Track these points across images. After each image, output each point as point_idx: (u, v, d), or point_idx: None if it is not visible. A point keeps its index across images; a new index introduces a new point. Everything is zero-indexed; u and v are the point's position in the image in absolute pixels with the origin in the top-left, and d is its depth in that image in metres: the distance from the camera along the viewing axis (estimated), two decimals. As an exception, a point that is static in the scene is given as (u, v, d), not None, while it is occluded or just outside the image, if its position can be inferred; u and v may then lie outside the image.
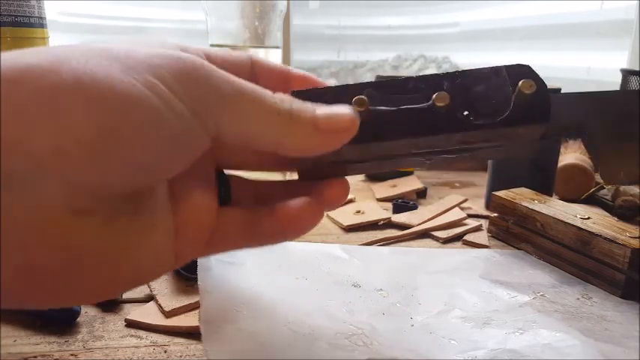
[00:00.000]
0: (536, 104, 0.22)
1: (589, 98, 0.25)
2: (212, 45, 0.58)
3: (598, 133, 0.25)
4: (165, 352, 0.27)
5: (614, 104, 0.25)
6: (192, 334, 0.28)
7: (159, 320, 0.29)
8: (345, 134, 0.20)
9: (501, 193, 0.44)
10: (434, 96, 0.21)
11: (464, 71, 0.22)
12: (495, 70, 0.22)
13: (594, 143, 0.26)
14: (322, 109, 0.20)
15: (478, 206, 0.53)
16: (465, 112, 0.22)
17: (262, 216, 0.22)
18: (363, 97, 0.21)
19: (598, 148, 0.26)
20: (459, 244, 0.44)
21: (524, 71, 0.22)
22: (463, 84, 0.22)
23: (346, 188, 0.23)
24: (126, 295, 0.32)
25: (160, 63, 0.17)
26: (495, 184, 0.50)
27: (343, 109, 0.20)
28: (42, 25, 0.41)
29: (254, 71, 0.23)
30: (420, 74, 0.23)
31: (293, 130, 0.19)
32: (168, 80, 0.17)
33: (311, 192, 0.22)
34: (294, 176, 0.25)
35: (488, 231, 0.45)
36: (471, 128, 0.22)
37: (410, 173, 0.62)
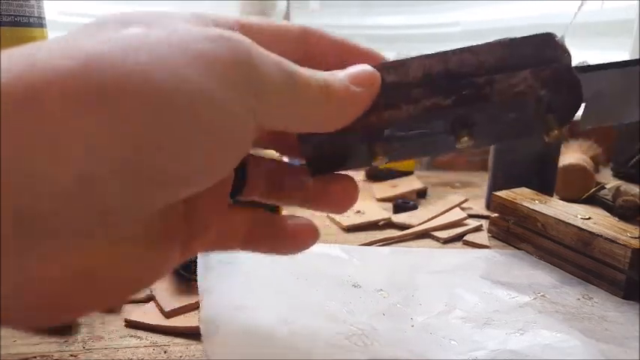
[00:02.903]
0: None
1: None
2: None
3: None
4: (165, 352, 0.27)
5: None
6: (192, 334, 0.28)
7: (159, 320, 0.29)
8: (372, 91, 0.19)
9: (502, 193, 0.44)
10: (458, 141, 0.20)
11: (499, 100, 0.19)
12: (537, 98, 0.19)
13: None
14: (345, 72, 0.19)
15: (478, 206, 0.53)
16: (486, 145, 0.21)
17: (265, 224, 0.22)
18: (381, 146, 0.20)
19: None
20: (459, 244, 0.44)
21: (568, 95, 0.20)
22: (493, 111, 0.20)
23: (354, 188, 0.22)
24: (126, 296, 0.31)
25: (207, 50, 0.15)
26: (496, 184, 0.50)
27: (365, 68, 0.19)
28: (41, 25, 0.41)
29: (308, 44, 0.21)
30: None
31: (329, 105, 0.18)
32: (219, 70, 0.15)
33: (318, 187, 0.22)
34: None
35: (489, 231, 0.45)
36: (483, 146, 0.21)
37: (410, 173, 0.62)
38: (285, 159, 0.26)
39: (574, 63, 0.20)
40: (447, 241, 0.44)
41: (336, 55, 0.21)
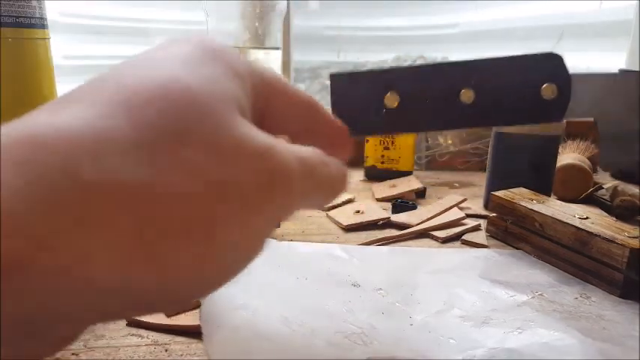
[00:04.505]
0: (555, 106, 0.22)
1: (603, 80, 0.26)
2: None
3: (610, 123, 0.26)
4: (167, 350, 0.27)
5: (629, 88, 0.26)
6: (193, 333, 0.28)
7: (160, 319, 0.29)
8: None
9: (500, 193, 0.44)
10: (461, 93, 0.22)
11: (493, 60, 0.23)
12: (524, 60, 0.22)
13: (606, 132, 0.27)
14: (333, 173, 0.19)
15: (477, 206, 0.53)
16: (488, 108, 0.23)
17: None
18: (395, 93, 0.23)
19: (607, 137, 0.27)
20: (457, 243, 0.44)
21: (553, 64, 0.22)
22: (490, 74, 0.23)
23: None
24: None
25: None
26: (494, 184, 0.50)
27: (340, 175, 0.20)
28: (43, 26, 0.41)
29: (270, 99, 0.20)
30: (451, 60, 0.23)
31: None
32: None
33: None
34: None
35: (487, 231, 0.46)
36: (492, 123, 0.23)
37: (409, 173, 0.62)
38: None
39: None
40: (445, 241, 0.44)
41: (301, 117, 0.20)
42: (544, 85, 0.22)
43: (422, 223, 0.46)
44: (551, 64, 0.22)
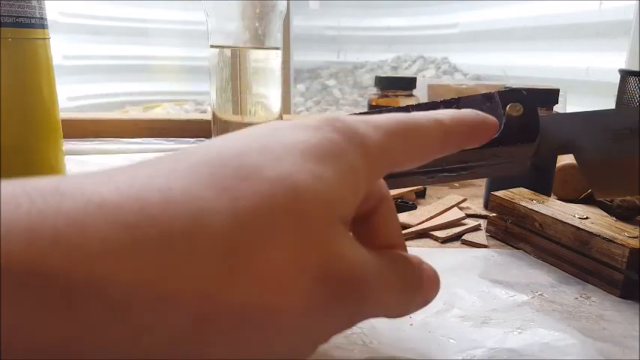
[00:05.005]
0: (525, 126, 0.24)
1: (580, 117, 0.27)
2: (212, 46, 0.58)
3: (589, 152, 0.27)
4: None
5: (606, 123, 0.27)
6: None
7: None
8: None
9: (500, 193, 0.44)
10: None
11: (459, 98, 0.24)
12: (488, 96, 0.25)
13: (585, 161, 0.28)
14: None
15: (477, 206, 0.53)
16: None
17: None
18: None
19: (589, 166, 0.28)
20: (457, 243, 0.44)
21: (515, 95, 0.24)
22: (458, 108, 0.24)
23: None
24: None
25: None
26: (494, 184, 0.50)
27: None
28: (43, 26, 0.41)
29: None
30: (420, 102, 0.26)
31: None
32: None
33: None
34: None
35: (487, 231, 0.46)
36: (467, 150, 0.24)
37: (409, 173, 0.62)
38: None
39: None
40: (445, 241, 0.44)
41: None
42: (509, 105, 0.24)
43: (422, 223, 0.46)
44: (512, 95, 0.24)
